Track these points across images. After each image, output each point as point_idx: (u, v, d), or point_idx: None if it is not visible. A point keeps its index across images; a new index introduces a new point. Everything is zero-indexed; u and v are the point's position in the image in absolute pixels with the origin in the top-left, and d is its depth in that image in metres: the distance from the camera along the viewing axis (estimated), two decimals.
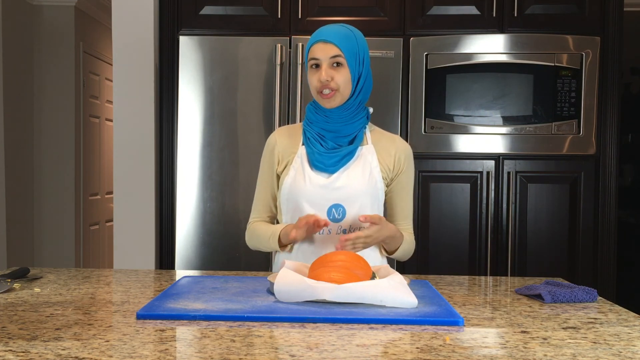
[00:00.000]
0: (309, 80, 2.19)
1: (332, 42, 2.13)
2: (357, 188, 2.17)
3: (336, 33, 2.15)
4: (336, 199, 2.17)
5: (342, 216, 2.17)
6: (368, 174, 2.20)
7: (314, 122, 2.22)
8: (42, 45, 5.69)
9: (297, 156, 2.23)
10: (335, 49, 2.13)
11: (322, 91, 2.15)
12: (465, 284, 2.19)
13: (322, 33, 2.16)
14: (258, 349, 1.35)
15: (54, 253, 5.75)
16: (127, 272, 2.34)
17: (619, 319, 1.70)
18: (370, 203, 2.20)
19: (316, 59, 2.15)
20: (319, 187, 2.17)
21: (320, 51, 2.14)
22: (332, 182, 2.17)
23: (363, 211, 2.18)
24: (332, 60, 2.13)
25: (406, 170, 2.30)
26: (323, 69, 2.13)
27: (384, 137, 2.30)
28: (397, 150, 2.28)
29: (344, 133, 2.19)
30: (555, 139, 3.56)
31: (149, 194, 3.70)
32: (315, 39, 2.16)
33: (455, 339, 1.46)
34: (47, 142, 5.73)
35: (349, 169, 2.18)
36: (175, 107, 3.65)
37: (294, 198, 2.20)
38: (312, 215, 2.07)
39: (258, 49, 3.60)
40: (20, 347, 1.35)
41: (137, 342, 1.39)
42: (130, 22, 3.66)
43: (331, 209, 2.17)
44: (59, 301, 1.81)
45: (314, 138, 2.21)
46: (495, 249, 3.61)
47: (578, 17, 3.61)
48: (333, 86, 2.14)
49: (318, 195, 2.17)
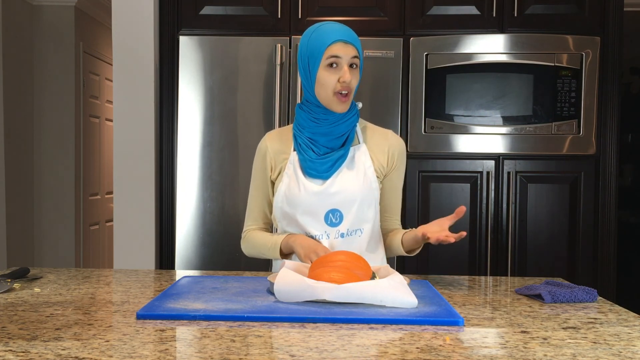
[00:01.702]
0: (320, 80, 2.11)
1: (352, 43, 2.10)
2: (352, 191, 2.15)
3: (351, 34, 2.12)
4: (332, 204, 2.15)
5: (340, 220, 2.16)
6: (362, 176, 2.18)
7: (305, 127, 2.18)
8: (42, 45, 5.69)
9: (289, 162, 2.20)
10: (355, 50, 2.10)
11: (341, 92, 2.10)
12: (465, 284, 2.18)
13: (340, 32, 2.10)
14: (258, 349, 1.34)
15: (54, 253, 5.74)
16: (127, 272, 2.33)
17: (619, 319, 1.70)
18: (366, 204, 2.19)
19: (338, 57, 2.09)
20: (313, 194, 2.14)
21: (342, 50, 2.08)
22: (326, 188, 2.14)
23: (360, 213, 2.17)
24: (352, 60, 2.10)
25: (399, 166, 2.28)
26: (345, 69, 2.09)
27: (376, 134, 2.28)
28: (391, 147, 2.26)
29: (336, 134, 2.16)
30: (555, 139, 3.56)
31: (149, 194, 3.69)
32: (334, 38, 2.09)
33: (455, 339, 1.46)
34: (47, 142, 5.72)
35: (342, 173, 2.16)
36: (175, 107, 3.64)
37: (289, 206, 2.18)
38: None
39: (258, 49, 3.60)
40: (20, 347, 1.35)
41: (137, 342, 1.39)
42: (130, 22, 3.66)
43: (328, 215, 2.15)
44: (59, 301, 1.80)
45: (305, 144, 2.17)
46: (495, 249, 3.61)
47: (578, 17, 3.61)
48: (351, 88, 2.11)
49: (314, 203, 2.15)
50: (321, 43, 2.10)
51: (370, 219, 2.21)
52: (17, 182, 5.44)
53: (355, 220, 2.17)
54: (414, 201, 3.62)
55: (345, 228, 2.16)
